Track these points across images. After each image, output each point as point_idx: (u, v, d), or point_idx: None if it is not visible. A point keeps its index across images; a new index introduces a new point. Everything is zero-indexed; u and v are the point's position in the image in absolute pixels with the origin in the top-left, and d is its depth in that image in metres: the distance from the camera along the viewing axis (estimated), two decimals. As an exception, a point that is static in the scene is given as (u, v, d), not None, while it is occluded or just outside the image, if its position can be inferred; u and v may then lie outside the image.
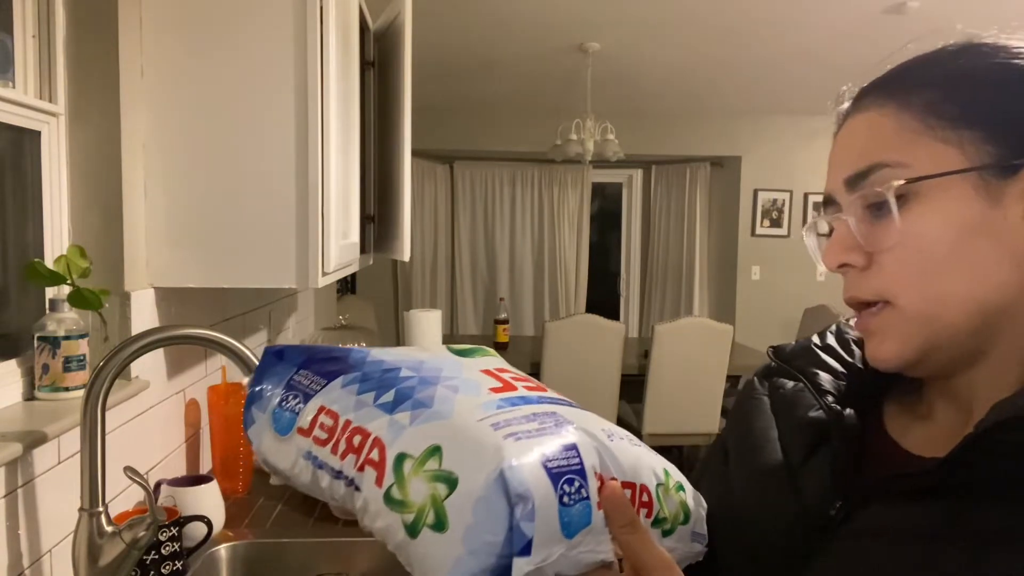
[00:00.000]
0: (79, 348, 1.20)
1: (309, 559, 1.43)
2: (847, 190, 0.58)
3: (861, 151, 0.58)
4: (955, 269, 0.53)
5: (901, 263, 0.55)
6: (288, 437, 0.56)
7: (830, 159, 0.62)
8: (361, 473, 0.50)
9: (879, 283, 0.56)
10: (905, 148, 0.55)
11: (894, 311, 0.56)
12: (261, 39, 1.39)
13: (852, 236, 0.57)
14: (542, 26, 3.84)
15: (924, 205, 0.54)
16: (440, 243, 6.37)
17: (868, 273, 0.57)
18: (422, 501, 0.46)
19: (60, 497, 1.14)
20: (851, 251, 0.57)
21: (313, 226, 1.42)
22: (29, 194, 1.26)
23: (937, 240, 0.54)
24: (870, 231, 0.56)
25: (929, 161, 0.54)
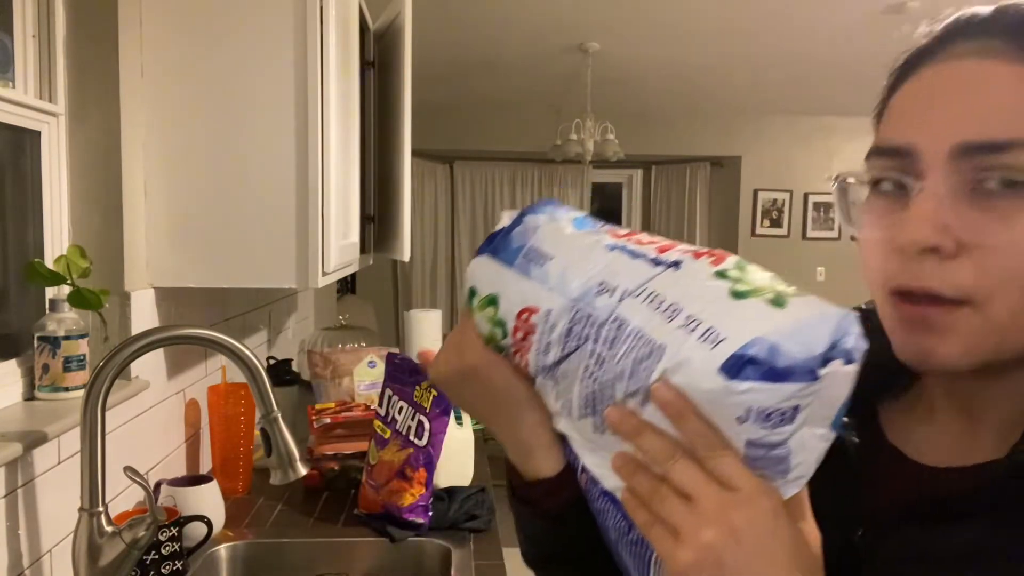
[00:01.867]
0: (79, 348, 1.20)
1: (309, 559, 1.43)
2: (955, 158, 0.47)
3: (996, 115, 0.46)
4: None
5: (1007, 267, 0.46)
6: (588, 232, 0.52)
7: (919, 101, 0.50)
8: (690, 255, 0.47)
9: (970, 281, 0.47)
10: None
11: (975, 315, 0.47)
12: (261, 39, 1.39)
13: (944, 214, 0.46)
14: (542, 26, 3.84)
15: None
16: (440, 243, 6.38)
17: (954, 265, 0.47)
18: (765, 284, 0.44)
19: (60, 497, 1.14)
20: (942, 233, 0.46)
21: (313, 226, 1.42)
22: (29, 194, 1.26)
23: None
24: (971, 217, 0.46)
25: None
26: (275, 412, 1.13)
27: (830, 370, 0.41)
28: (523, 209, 0.55)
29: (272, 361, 2.20)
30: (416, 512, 1.46)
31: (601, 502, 0.52)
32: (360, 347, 2.18)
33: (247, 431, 1.64)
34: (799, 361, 0.40)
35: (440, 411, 1.46)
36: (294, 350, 2.62)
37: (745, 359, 0.40)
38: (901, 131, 0.50)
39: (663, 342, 0.43)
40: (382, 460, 1.51)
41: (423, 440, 1.46)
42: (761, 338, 0.40)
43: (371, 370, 2.03)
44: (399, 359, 1.58)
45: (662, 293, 0.45)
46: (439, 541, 1.44)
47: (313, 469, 1.64)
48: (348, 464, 1.67)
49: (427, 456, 1.46)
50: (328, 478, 1.67)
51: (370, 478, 1.54)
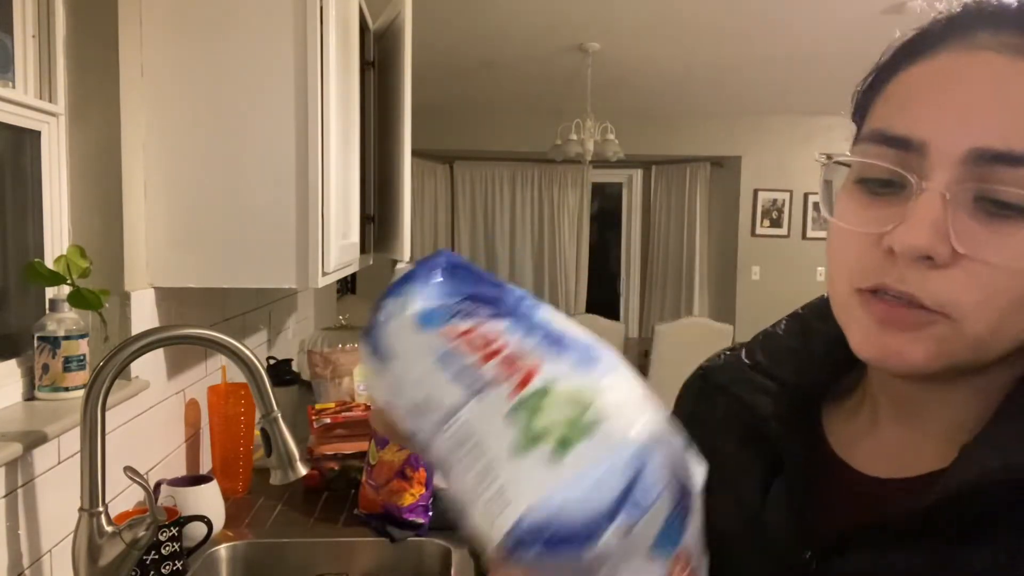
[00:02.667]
0: (79, 348, 1.20)
1: (309, 559, 1.43)
2: (966, 160, 0.43)
3: (1017, 121, 0.42)
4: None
5: (995, 288, 0.43)
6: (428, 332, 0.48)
7: (936, 87, 0.45)
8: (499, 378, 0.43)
9: (955, 296, 0.44)
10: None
11: (949, 327, 0.45)
12: (261, 39, 1.39)
13: (945, 221, 0.43)
14: (542, 26, 3.84)
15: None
16: (440, 243, 6.38)
17: (942, 276, 0.44)
18: (556, 422, 0.41)
19: (60, 497, 1.14)
20: (940, 241, 0.43)
21: (313, 226, 1.42)
22: (29, 194, 1.26)
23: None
24: (971, 229, 0.43)
25: None
26: (275, 412, 1.13)
27: (620, 525, 0.38)
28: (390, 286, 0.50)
29: (272, 361, 2.20)
30: (416, 512, 1.46)
31: None
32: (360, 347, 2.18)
33: (247, 431, 1.64)
34: (578, 527, 0.38)
35: (440, 411, 1.46)
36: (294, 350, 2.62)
37: (521, 532, 0.38)
38: (911, 121, 0.45)
39: (464, 501, 0.42)
40: (382, 460, 1.51)
41: (423, 440, 1.46)
42: (536, 505, 0.38)
43: (371, 370, 2.03)
44: (399, 359, 1.58)
45: (470, 429, 0.43)
46: (439, 541, 1.44)
47: (313, 469, 1.64)
48: (348, 464, 1.67)
49: (427, 456, 1.46)
50: (328, 478, 1.67)
51: (370, 478, 1.53)
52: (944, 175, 0.43)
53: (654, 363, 4.07)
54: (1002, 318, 0.44)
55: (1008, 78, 0.43)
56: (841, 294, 0.49)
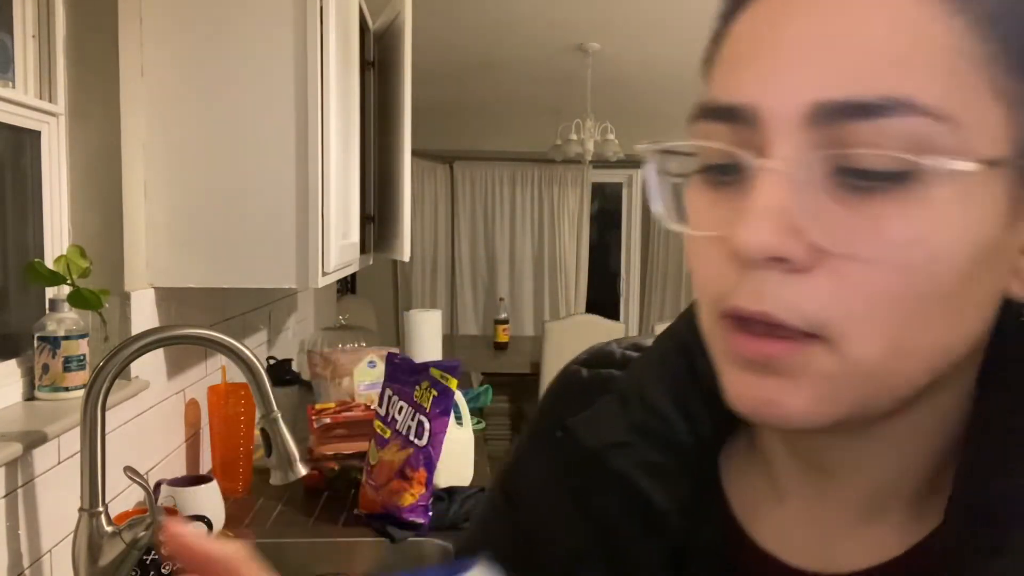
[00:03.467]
0: (79, 348, 1.20)
1: (309, 559, 1.43)
2: (807, 123, 0.32)
3: (871, 61, 0.31)
4: (947, 310, 0.33)
5: (880, 288, 0.32)
6: None
7: (758, 39, 0.34)
8: None
9: (827, 308, 0.32)
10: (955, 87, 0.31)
11: (829, 356, 0.33)
12: (261, 39, 1.39)
13: (796, 209, 0.32)
14: (542, 26, 3.84)
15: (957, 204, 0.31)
16: (440, 243, 6.38)
17: (805, 283, 0.33)
18: None
19: (60, 497, 1.14)
20: (791, 236, 0.32)
21: (313, 226, 1.42)
22: (29, 194, 1.26)
23: (949, 267, 0.32)
24: (833, 215, 0.32)
25: (980, 125, 0.31)
26: (275, 412, 1.13)
27: None
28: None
29: (272, 361, 2.20)
30: (416, 512, 1.46)
31: None
32: (360, 347, 2.18)
33: (247, 431, 1.64)
34: None
35: (440, 411, 1.46)
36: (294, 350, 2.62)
37: None
38: (735, 85, 0.34)
39: None
40: (382, 460, 1.51)
41: (423, 440, 1.46)
42: None
43: (371, 370, 2.03)
44: (399, 359, 1.58)
45: None
46: (439, 541, 1.44)
47: (313, 469, 1.64)
48: (348, 464, 1.67)
49: (427, 456, 1.46)
50: (328, 478, 1.67)
51: (370, 478, 1.53)
52: (785, 147, 0.32)
53: (654, 363, 4.07)
54: (897, 331, 0.32)
55: (851, 11, 0.32)
56: (706, 323, 0.38)
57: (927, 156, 0.30)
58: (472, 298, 6.44)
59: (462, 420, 1.72)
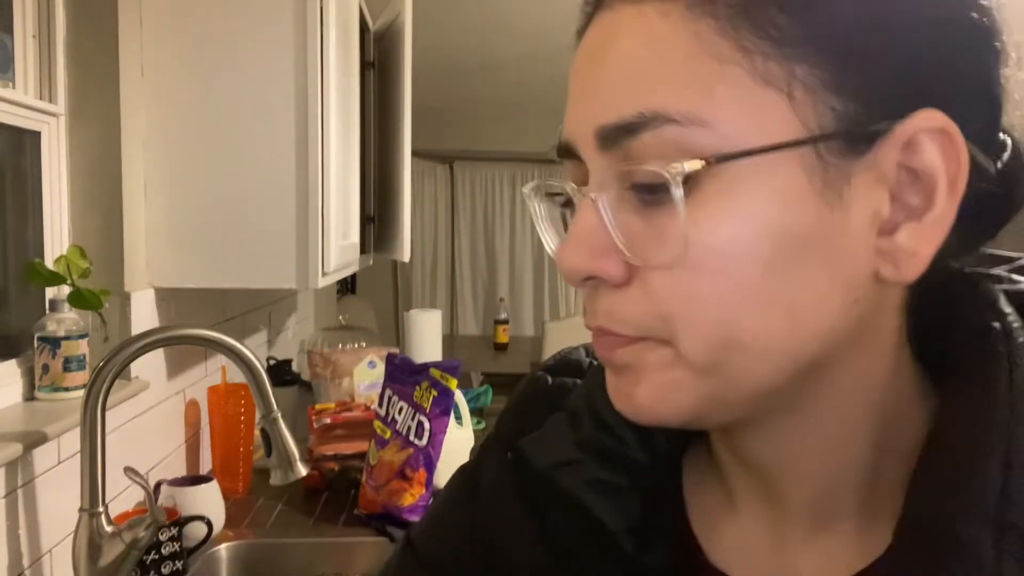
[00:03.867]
0: (79, 348, 1.20)
1: (309, 559, 1.43)
2: (600, 148, 0.35)
3: (627, 82, 0.33)
4: (764, 306, 0.33)
5: (684, 292, 0.33)
6: None
7: (572, 78, 0.37)
8: None
9: (647, 315, 0.34)
10: (706, 88, 0.32)
11: (667, 352, 0.35)
12: (261, 39, 1.39)
13: (606, 231, 0.34)
14: (542, 26, 3.84)
15: (730, 197, 0.32)
16: (440, 243, 6.38)
17: (627, 295, 0.35)
18: None
19: (60, 497, 1.14)
20: (603, 256, 0.34)
21: (313, 226, 1.42)
22: (29, 194, 1.26)
23: (742, 261, 0.32)
24: (635, 227, 0.34)
25: (743, 117, 0.32)
26: (275, 412, 1.13)
27: None
28: None
29: (272, 361, 2.20)
30: (416, 512, 1.46)
31: None
32: (360, 347, 2.18)
33: (247, 431, 1.64)
34: None
35: (440, 411, 1.46)
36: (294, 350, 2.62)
37: None
38: (565, 122, 0.37)
39: None
40: (382, 460, 1.51)
41: (423, 440, 1.46)
42: None
43: (371, 370, 2.03)
44: (399, 359, 1.58)
45: None
46: (439, 541, 1.44)
47: (313, 469, 1.64)
48: (348, 464, 1.67)
49: (427, 456, 1.46)
50: (328, 478, 1.67)
51: (370, 478, 1.53)
52: (595, 175, 0.35)
53: (654, 363, 4.08)
54: (717, 327, 0.33)
55: (643, 33, 0.33)
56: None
57: (674, 163, 0.31)
58: (472, 298, 6.44)
59: (462, 420, 1.72)
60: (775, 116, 0.32)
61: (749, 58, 0.32)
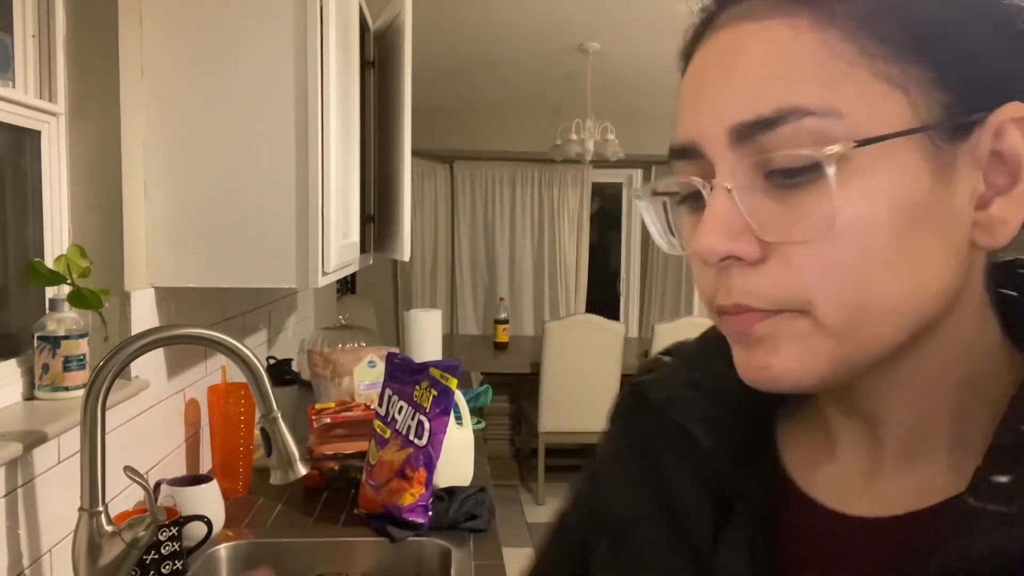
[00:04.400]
0: (79, 348, 1.20)
1: (309, 559, 1.43)
2: (733, 143, 0.39)
3: (761, 84, 0.38)
4: (895, 269, 0.38)
5: (824, 262, 0.38)
6: None
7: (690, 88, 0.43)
8: None
9: (786, 288, 0.39)
10: (835, 86, 0.37)
11: (806, 322, 0.39)
12: (261, 39, 1.39)
13: (739, 215, 0.39)
14: (542, 26, 3.84)
15: (864, 178, 0.37)
16: (440, 243, 6.38)
17: (763, 271, 0.39)
18: None
19: (60, 497, 1.14)
20: (739, 237, 0.39)
21: (313, 226, 1.42)
22: (29, 194, 1.26)
23: (878, 231, 0.38)
24: (770, 212, 0.39)
25: (870, 109, 0.37)
26: (275, 412, 1.13)
27: None
28: None
29: (272, 361, 2.20)
30: (416, 512, 1.46)
31: None
32: (360, 347, 2.18)
33: (247, 431, 1.64)
34: None
35: (440, 411, 1.46)
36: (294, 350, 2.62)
37: None
38: (681, 128, 0.42)
39: None
40: (382, 460, 1.51)
41: (423, 440, 1.46)
42: None
43: (371, 370, 2.03)
44: (399, 359, 1.58)
45: None
46: (439, 541, 1.44)
47: (313, 469, 1.64)
48: (348, 464, 1.67)
49: (427, 456, 1.46)
50: (328, 478, 1.67)
51: (370, 478, 1.54)
52: (724, 167, 0.40)
53: (654, 363, 4.07)
54: (852, 294, 0.38)
55: (772, 42, 0.39)
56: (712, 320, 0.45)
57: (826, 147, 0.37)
58: (472, 298, 6.44)
59: (462, 420, 1.72)
60: (896, 109, 0.38)
61: (871, 61, 0.38)
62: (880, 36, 0.38)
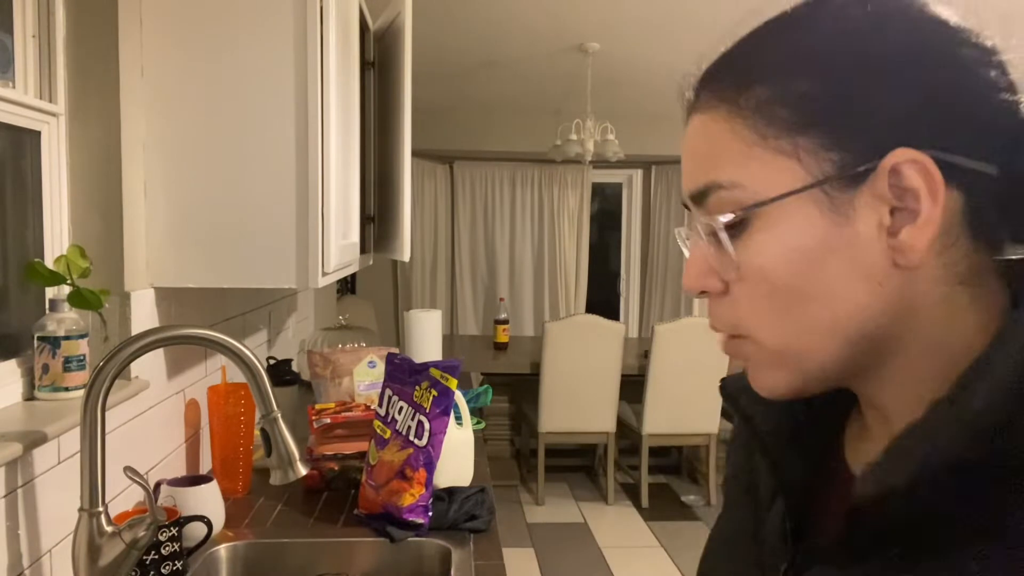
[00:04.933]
0: (79, 348, 1.20)
1: (309, 559, 1.43)
2: (695, 205, 0.52)
3: (699, 163, 0.51)
4: (808, 300, 0.47)
5: (750, 298, 0.49)
6: None
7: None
8: None
9: (733, 316, 0.50)
10: (739, 163, 0.48)
11: (754, 345, 0.50)
12: (261, 39, 1.39)
13: (706, 259, 0.50)
14: (542, 26, 3.84)
15: (764, 232, 0.47)
16: (440, 243, 6.38)
17: (724, 302, 0.51)
18: None
19: (60, 497, 1.14)
20: (708, 275, 0.51)
21: (313, 226, 1.42)
22: (29, 194, 1.26)
23: (782, 272, 0.47)
24: (720, 256, 0.50)
25: (765, 179, 0.47)
26: (275, 412, 1.13)
27: None
28: None
29: (272, 361, 2.20)
30: (416, 512, 1.46)
31: None
32: (360, 347, 2.18)
33: (247, 431, 1.64)
34: None
35: (440, 411, 1.46)
36: (294, 350, 2.62)
37: None
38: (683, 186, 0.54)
39: None
40: (382, 460, 1.52)
41: (423, 440, 1.46)
42: None
43: (371, 370, 2.03)
44: (399, 359, 1.58)
45: None
46: (439, 541, 1.44)
47: (313, 469, 1.64)
48: (348, 464, 1.67)
49: (427, 456, 1.46)
50: (328, 478, 1.67)
51: (370, 478, 1.54)
52: (695, 222, 0.52)
53: (654, 363, 4.07)
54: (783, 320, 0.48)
55: (705, 130, 0.51)
56: None
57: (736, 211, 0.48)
58: (472, 298, 6.44)
59: (462, 420, 1.72)
60: (789, 174, 0.47)
61: (765, 140, 0.47)
62: (770, 119, 0.47)
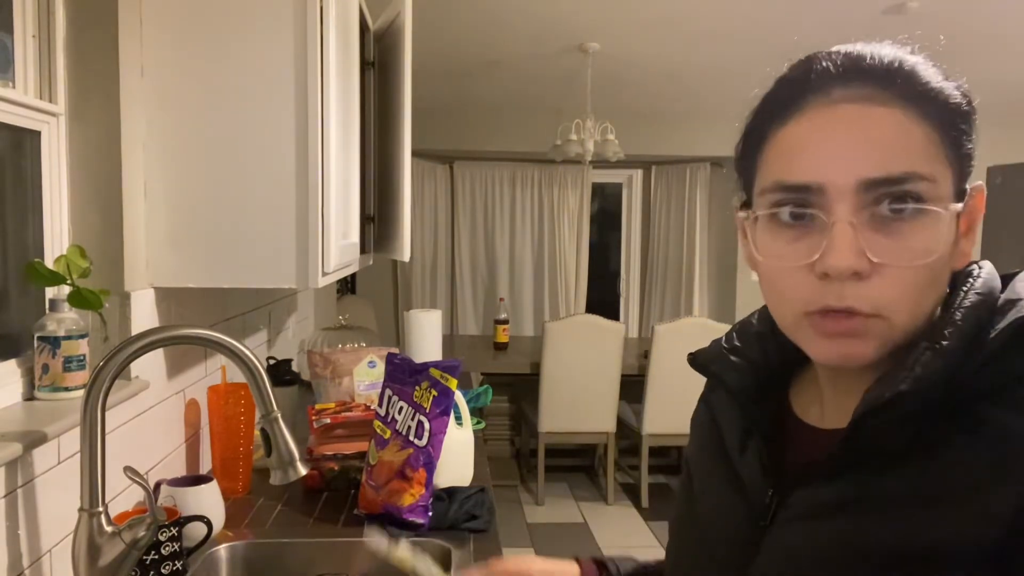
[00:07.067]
0: (79, 348, 1.20)
1: (309, 559, 1.43)
2: (858, 190, 0.55)
3: (891, 152, 0.55)
4: (933, 289, 0.58)
5: (905, 281, 0.56)
6: None
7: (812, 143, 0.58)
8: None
9: (878, 298, 0.56)
10: (932, 162, 0.56)
11: (884, 324, 0.57)
12: (261, 39, 1.39)
13: (857, 241, 0.55)
14: (542, 26, 3.84)
15: (936, 226, 0.56)
16: (440, 243, 6.37)
17: (867, 284, 0.56)
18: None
19: (60, 497, 1.14)
20: (860, 258, 0.55)
21: (313, 226, 1.42)
22: (29, 194, 1.26)
23: (936, 263, 0.56)
24: (877, 241, 0.55)
25: (943, 180, 0.56)
26: (275, 412, 1.13)
27: None
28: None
29: (272, 361, 2.20)
30: (416, 512, 1.46)
31: None
32: (360, 347, 2.18)
33: (247, 431, 1.64)
34: None
35: (440, 411, 1.46)
36: (294, 350, 2.62)
37: None
38: (804, 170, 0.58)
39: None
40: (382, 460, 1.51)
41: (423, 440, 1.46)
42: None
43: (371, 370, 2.03)
44: (399, 359, 1.58)
45: None
46: (439, 541, 1.44)
47: (313, 469, 1.64)
48: (348, 464, 1.67)
49: (427, 456, 1.46)
50: (328, 478, 1.67)
51: (370, 478, 1.53)
52: (845, 206, 0.56)
53: (654, 363, 4.07)
54: (918, 304, 0.57)
55: (898, 125, 0.56)
56: (789, 318, 0.61)
57: (926, 202, 0.56)
58: (472, 298, 6.44)
59: (462, 420, 1.72)
60: (950, 181, 0.57)
61: (940, 148, 0.57)
62: (949, 139, 0.57)
